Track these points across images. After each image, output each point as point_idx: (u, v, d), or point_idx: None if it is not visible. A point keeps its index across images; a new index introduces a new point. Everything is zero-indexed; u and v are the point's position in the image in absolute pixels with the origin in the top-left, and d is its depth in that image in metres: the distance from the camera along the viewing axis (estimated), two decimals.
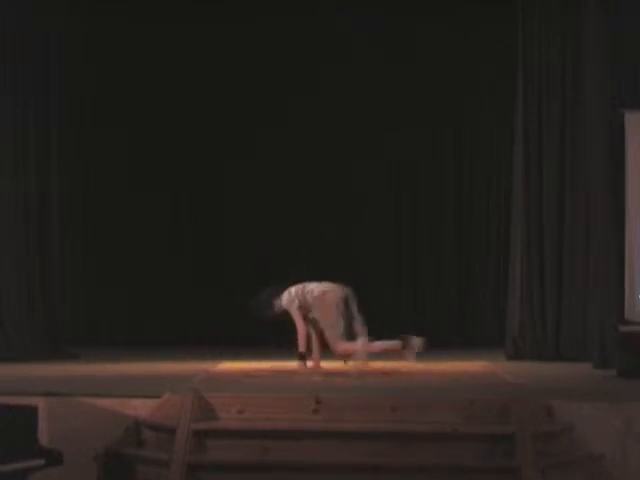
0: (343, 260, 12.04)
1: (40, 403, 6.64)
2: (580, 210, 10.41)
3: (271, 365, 9.47)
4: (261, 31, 12.56)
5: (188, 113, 12.73)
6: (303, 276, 9.40)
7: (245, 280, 11.92)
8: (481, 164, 12.88)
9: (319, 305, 9.13)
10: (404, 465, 6.53)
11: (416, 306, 12.91)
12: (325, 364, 9.31)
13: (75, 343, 11.27)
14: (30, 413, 6.22)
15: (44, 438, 6.62)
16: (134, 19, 12.47)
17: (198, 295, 12.67)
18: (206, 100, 12.74)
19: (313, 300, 9.14)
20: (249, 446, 6.69)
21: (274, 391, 7.47)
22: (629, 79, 9.99)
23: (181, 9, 12.46)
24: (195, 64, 12.62)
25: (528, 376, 8.73)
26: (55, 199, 11.26)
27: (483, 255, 12.80)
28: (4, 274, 10.67)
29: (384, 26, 12.53)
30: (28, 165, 10.95)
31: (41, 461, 6.10)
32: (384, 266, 12.88)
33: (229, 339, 11.75)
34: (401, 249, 13.08)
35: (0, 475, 5.79)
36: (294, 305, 9.12)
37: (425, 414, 6.82)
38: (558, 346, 10.47)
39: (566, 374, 9.19)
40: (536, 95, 10.71)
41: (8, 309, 10.65)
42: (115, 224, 12.76)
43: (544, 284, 10.60)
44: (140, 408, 7.06)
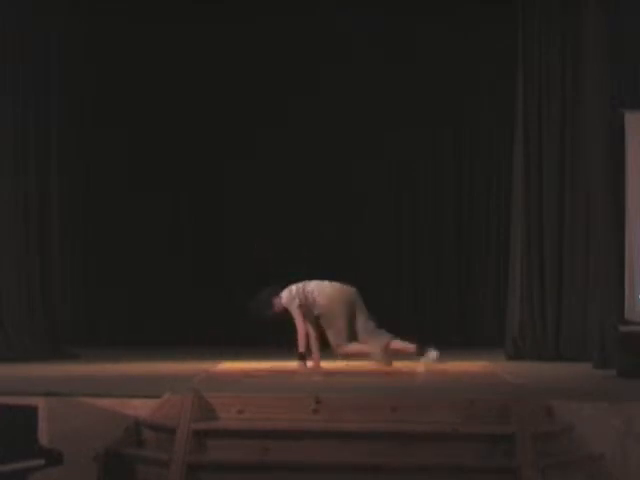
0: (343, 260, 12.04)
1: (40, 403, 6.63)
2: (580, 210, 10.41)
3: (271, 365, 9.47)
4: (261, 31, 12.57)
5: (188, 113, 12.73)
6: (303, 276, 9.41)
7: (245, 280, 11.92)
8: (481, 164, 12.89)
9: (324, 305, 9.13)
10: (404, 465, 6.53)
11: (416, 306, 12.92)
12: (325, 364, 9.33)
13: (75, 343, 11.26)
14: (30, 413, 6.21)
15: (44, 438, 6.61)
16: (134, 19, 12.48)
17: (198, 295, 12.67)
18: (206, 100, 12.74)
19: (318, 300, 9.14)
20: (249, 446, 6.68)
21: (274, 391, 7.47)
22: (629, 79, 9.99)
23: (181, 9, 12.47)
24: (195, 64, 12.63)
25: (528, 376, 8.73)
26: (55, 199, 11.26)
27: (483, 255, 12.80)
28: (4, 274, 10.67)
29: (384, 26, 12.53)
30: (28, 165, 10.95)
31: (41, 461, 6.09)
32: (384, 266, 12.88)
33: (229, 339, 11.76)
34: (401, 249, 13.08)
35: (0, 475, 5.79)
36: (294, 304, 9.11)
37: (425, 414, 6.81)
38: (558, 346, 10.47)
39: (566, 374, 9.19)
40: (536, 95, 10.71)
41: (8, 309, 10.65)
42: (115, 224, 12.76)
43: (544, 284, 10.60)
44: (140, 408, 7.05)
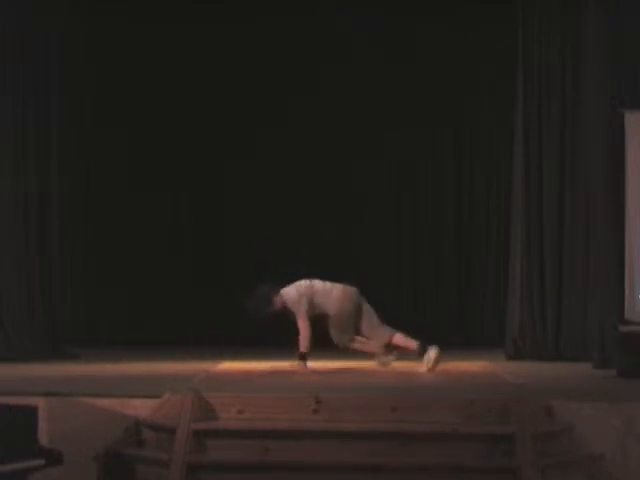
0: (343, 260, 12.04)
1: (40, 403, 6.63)
2: (580, 210, 10.41)
3: (271, 365, 9.46)
4: (261, 31, 12.56)
5: (188, 113, 12.73)
6: (303, 276, 9.41)
7: (245, 280, 11.89)
8: (481, 164, 12.88)
9: (334, 308, 9.15)
10: (404, 465, 6.53)
11: (416, 306, 12.91)
12: (325, 364, 9.33)
13: (75, 343, 11.26)
14: (30, 413, 6.21)
15: (44, 438, 6.61)
16: (134, 19, 12.47)
17: (198, 295, 12.66)
18: (206, 100, 12.74)
19: (325, 303, 9.14)
20: (249, 446, 6.68)
21: (274, 391, 7.47)
22: (629, 79, 9.98)
23: (181, 9, 12.46)
24: (195, 64, 12.62)
25: (528, 376, 8.72)
26: (55, 199, 11.25)
27: (483, 255, 12.80)
28: (4, 274, 10.66)
29: (384, 26, 12.53)
30: (28, 165, 10.94)
31: (41, 461, 6.09)
32: (384, 266, 12.87)
33: (229, 339, 11.74)
34: (401, 249, 13.08)
35: (0, 475, 5.78)
36: (301, 304, 9.10)
37: (425, 414, 6.81)
38: (558, 346, 10.47)
39: (566, 374, 9.19)
40: (536, 95, 10.71)
41: (8, 309, 10.64)
42: (115, 224, 12.76)
43: (544, 284, 10.60)
44: (140, 408, 7.05)
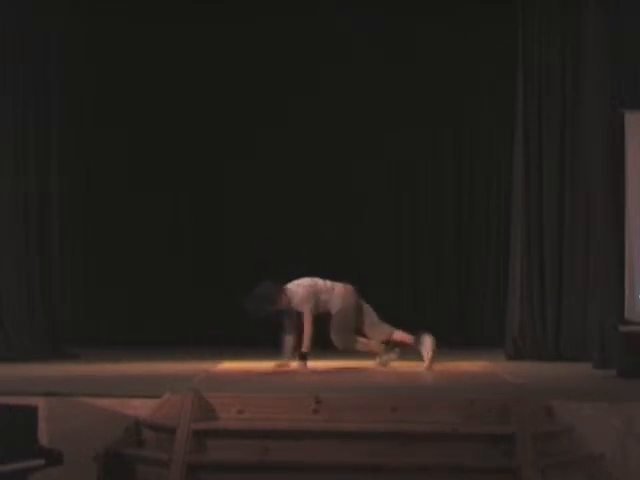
0: (343, 260, 12.02)
1: (40, 403, 6.63)
2: (580, 210, 10.40)
3: (271, 365, 9.46)
4: (261, 31, 12.56)
5: (188, 113, 12.72)
6: (303, 276, 9.41)
7: (245, 280, 11.89)
8: (481, 164, 12.87)
9: (338, 307, 9.16)
10: (404, 465, 6.53)
11: (416, 306, 12.90)
12: (324, 364, 9.33)
13: (75, 343, 11.25)
14: (30, 413, 6.21)
15: (44, 438, 6.61)
16: (134, 19, 12.46)
17: (198, 295, 12.66)
18: (206, 100, 12.73)
19: (330, 303, 9.15)
20: (249, 446, 6.68)
21: (274, 391, 7.47)
22: (629, 79, 9.98)
23: (181, 9, 12.46)
24: (195, 64, 12.62)
25: (528, 376, 8.72)
26: (55, 199, 11.25)
27: (483, 255, 12.79)
28: (4, 274, 10.66)
29: (384, 26, 12.52)
30: (28, 165, 10.94)
31: (41, 461, 6.09)
32: (384, 266, 12.86)
33: (229, 339, 11.74)
34: (401, 249, 13.07)
35: (0, 475, 5.78)
36: (309, 305, 9.10)
37: (425, 414, 6.81)
38: (558, 346, 10.46)
39: (566, 374, 9.18)
40: (536, 95, 10.70)
41: (8, 309, 10.64)
42: (115, 224, 12.75)
43: (544, 284, 10.59)
44: (140, 408, 7.05)
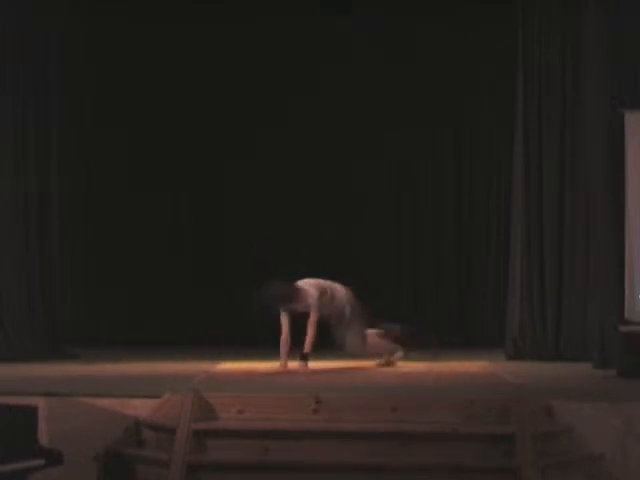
0: (343, 260, 12.03)
1: (40, 403, 6.62)
2: (580, 210, 10.40)
3: (271, 365, 9.46)
4: (261, 31, 12.55)
5: (188, 113, 12.72)
6: (303, 276, 9.41)
7: (245, 280, 11.91)
8: (481, 164, 12.87)
9: (342, 304, 9.19)
10: (404, 465, 6.53)
11: (416, 306, 12.90)
12: (324, 364, 9.34)
13: (75, 343, 11.25)
14: (30, 413, 6.20)
15: (44, 438, 6.60)
16: (134, 19, 12.46)
17: (198, 295, 12.66)
18: (206, 100, 12.73)
19: (334, 299, 9.17)
20: (249, 446, 6.68)
21: (274, 391, 7.47)
22: (629, 79, 9.97)
23: (181, 9, 12.45)
24: (195, 64, 12.62)
25: (528, 376, 8.72)
26: (55, 199, 11.24)
27: (483, 255, 12.78)
28: (4, 274, 10.66)
29: (384, 26, 12.53)
30: (28, 165, 10.94)
31: (41, 461, 6.08)
32: (384, 266, 12.86)
33: (229, 339, 11.74)
34: (401, 249, 13.07)
35: (0, 475, 5.78)
36: (319, 307, 9.11)
37: (425, 414, 6.81)
38: (558, 346, 10.46)
39: (566, 374, 9.18)
40: (536, 95, 10.70)
41: (8, 309, 10.64)
42: (115, 224, 12.75)
43: (544, 284, 10.58)
44: (140, 408, 7.04)
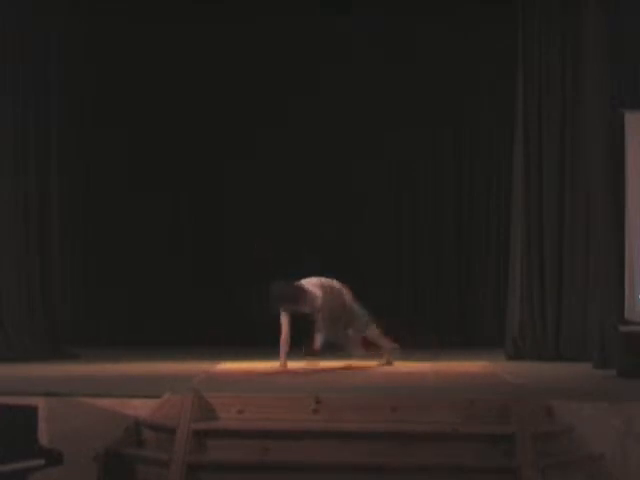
0: (343, 260, 12.03)
1: (40, 403, 6.63)
2: (580, 210, 10.40)
3: (271, 365, 9.46)
4: (261, 31, 12.56)
5: (188, 113, 12.73)
6: (303, 276, 9.41)
7: (245, 280, 11.93)
8: (481, 164, 12.88)
9: (347, 306, 9.22)
10: (404, 465, 6.53)
11: (416, 306, 12.91)
12: (324, 364, 9.35)
13: (75, 343, 11.25)
14: (30, 413, 6.21)
15: (44, 438, 6.61)
16: (134, 19, 12.47)
17: (198, 295, 12.67)
18: (206, 100, 12.74)
19: (334, 297, 9.20)
20: (249, 446, 6.69)
21: (274, 391, 7.47)
22: (629, 79, 9.98)
23: (181, 9, 12.46)
24: (195, 64, 12.62)
25: (528, 376, 8.72)
26: (55, 199, 11.25)
27: (483, 255, 12.79)
28: (4, 274, 10.67)
29: (384, 26, 12.53)
30: (28, 165, 10.95)
31: (41, 461, 6.09)
32: (384, 266, 12.87)
33: (229, 339, 11.74)
34: (401, 249, 13.07)
35: (0, 475, 5.79)
36: (325, 308, 9.12)
37: (425, 414, 6.82)
38: (558, 346, 10.46)
39: (566, 374, 9.18)
40: (536, 95, 10.70)
41: (8, 309, 10.64)
42: (115, 224, 12.75)
43: (544, 284, 10.59)
44: (140, 408, 7.05)
